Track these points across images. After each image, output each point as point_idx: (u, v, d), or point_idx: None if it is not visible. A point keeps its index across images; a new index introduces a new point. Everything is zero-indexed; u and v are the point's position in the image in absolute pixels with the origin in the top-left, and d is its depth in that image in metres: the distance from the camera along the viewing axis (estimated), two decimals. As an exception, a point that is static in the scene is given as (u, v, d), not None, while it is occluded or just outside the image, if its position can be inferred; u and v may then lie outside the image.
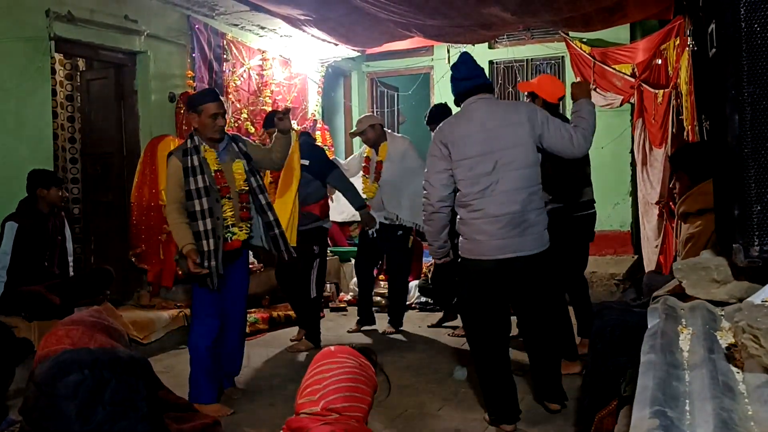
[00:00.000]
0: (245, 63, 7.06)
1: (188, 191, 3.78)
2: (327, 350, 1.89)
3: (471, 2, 5.28)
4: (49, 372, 1.34)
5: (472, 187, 3.36)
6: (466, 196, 3.39)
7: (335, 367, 1.80)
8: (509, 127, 3.38)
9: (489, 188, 3.34)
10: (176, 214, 3.79)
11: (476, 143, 3.37)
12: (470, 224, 3.40)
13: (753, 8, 1.54)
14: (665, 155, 5.91)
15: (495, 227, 3.33)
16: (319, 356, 1.87)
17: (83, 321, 1.83)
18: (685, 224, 2.96)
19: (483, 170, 3.35)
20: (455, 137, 3.41)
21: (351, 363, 1.83)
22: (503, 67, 8.55)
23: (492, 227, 3.34)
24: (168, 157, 3.91)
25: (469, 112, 3.47)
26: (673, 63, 6.04)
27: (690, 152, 3.54)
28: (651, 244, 6.32)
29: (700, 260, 1.76)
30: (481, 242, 3.38)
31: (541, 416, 3.71)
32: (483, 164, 3.35)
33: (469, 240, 3.43)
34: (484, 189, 3.34)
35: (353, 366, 1.83)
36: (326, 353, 1.87)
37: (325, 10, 5.86)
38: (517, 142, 3.35)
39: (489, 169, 3.34)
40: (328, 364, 1.81)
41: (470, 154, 3.37)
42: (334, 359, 1.82)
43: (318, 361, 1.85)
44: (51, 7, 5.09)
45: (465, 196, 3.40)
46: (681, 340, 1.41)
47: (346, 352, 1.86)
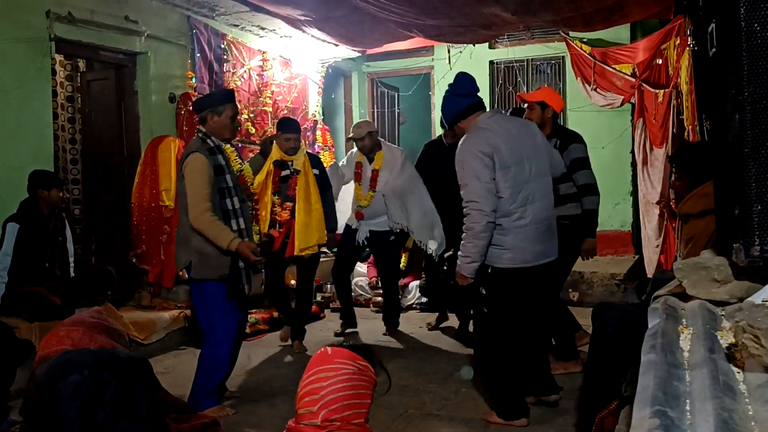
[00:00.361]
0: (246, 63, 7.06)
1: (221, 189, 3.70)
2: (324, 353, 1.82)
3: (471, 2, 5.27)
4: (50, 372, 1.34)
5: (517, 195, 3.40)
6: (512, 204, 3.39)
7: (333, 374, 1.75)
8: (529, 137, 3.54)
9: (530, 195, 3.42)
10: (210, 213, 3.63)
11: (510, 152, 3.41)
12: (516, 232, 3.40)
13: (753, 7, 1.54)
14: (666, 155, 5.90)
15: (538, 233, 3.45)
16: (316, 360, 1.81)
17: (84, 322, 1.83)
18: (686, 225, 2.96)
19: (522, 178, 3.42)
20: (494, 147, 3.39)
21: (349, 368, 1.78)
22: (503, 67, 8.55)
23: (536, 234, 3.44)
24: (186, 157, 3.73)
25: (491, 124, 3.50)
26: (674, 63, 6.03)
27: (690, 152, 3.53)
28: (652, 243, 6.32)
29: (701, 260, 1.76)
30: (526, 249, 3.42)
31: (541, 417, 3.71)
32: (521, 172, 3.42)
33: (510, 249, 3.41)
34: (527, 196, 3.41)
35: (352, 371, 1.78)
36: (323, 357, 1.80)
37: (325, 11, 5.86)
38: (539, 151, 3.54)
39: (527, 176, 3.43)
40: (326, 371, 1.76)
41: (510, 163, 3.39)
42: (331, 365, 1.77)
43: (315, 365, 1.79)
44: (51, 8, 5.09)
45: (510, 204, 3.39)
46: (681, 340, 1.40)
47: (343, 356, 1.80)
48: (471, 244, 3.39)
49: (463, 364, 4.74)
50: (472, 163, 3.38)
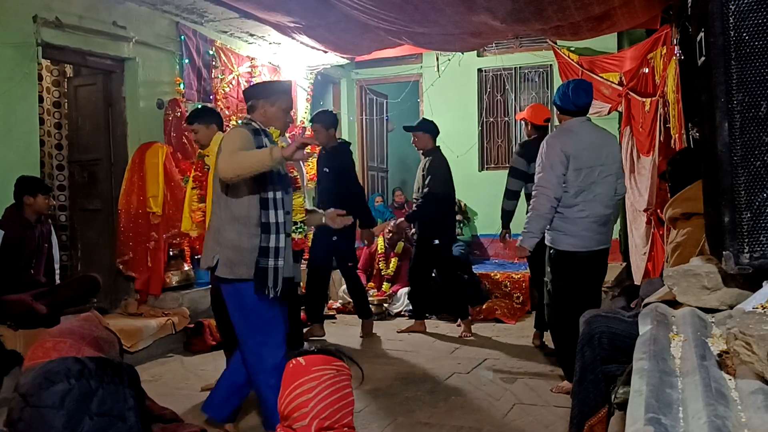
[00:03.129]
0: (234, 70, 7.05)
1: (260, 176, 3.11)
2: (298, 365, 1.80)
3: (461, 10, 5.29)
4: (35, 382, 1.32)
5: (581, 193, 4.09)
6: (576, 198, 4.09)
7: (316, 384, 1.75)
8: (607, 147, 4.20)
9: (594, 194, 4.10)
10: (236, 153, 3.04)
11: (587, 157, 4.08)
12: (576, 222, 4.10)
13: (741, 17, 1.56)
14: (653, 163, 5.95)
15: (596, 225, 4.13)
16: (293, 373, 1.80)
17: (72, 332, 1.80)
18: (674, 230, 2.98)
19: (590, 180, 4.09)
20: (574, 149, 4.06)
21: (328, 373, 1.79)
22: (492, 74, 8.59)
23: (593, 225, 4.12)
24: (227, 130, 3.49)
25: (581, 130, 4.16)
26: (660, 72, 6.09)
27: (671, 161, 3.56)
28: (639, 251, 6.36)
29: (691, 267, 1.77)
30: (585, 236, 4.11)
31: (530, 424, 3.71)
32: (591, 174, 4.09)
33: (571, 235, 4.12)
34: (591, 194, 4.10)
35: (332, 375, 1.79)
36: (300, 369, 1.79)
37: (314, 18, 5.86)
38: (612, 160, 4.21)
39: (595, 178, 4.10)
40: (309, 382, 1.76)
41: (583, 166, 4.07)
42: (310, 375, 1.77)
43: (294, 379, 1.78)
44: (38, 13, 5.05)
45: (575, 198, 4.09)
46: (673, 347, 1.41)
47: (318, 362, 1.80)
48: (535, 222, 4.14)
49: (453, 371, 4.75)
50: (552, 157, 4.08)
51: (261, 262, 3.14)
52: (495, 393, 4.28)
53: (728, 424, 0.99)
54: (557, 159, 4.06)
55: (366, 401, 4.15)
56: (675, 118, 5.35)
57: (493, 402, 4.11)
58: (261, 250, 3.14)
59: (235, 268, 3.16)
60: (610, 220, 4.26)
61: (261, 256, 3.14)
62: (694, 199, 2.78)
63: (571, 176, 4.07)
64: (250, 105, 3.40)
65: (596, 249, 4.17)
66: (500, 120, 8.66)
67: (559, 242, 4.16)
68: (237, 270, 3.16)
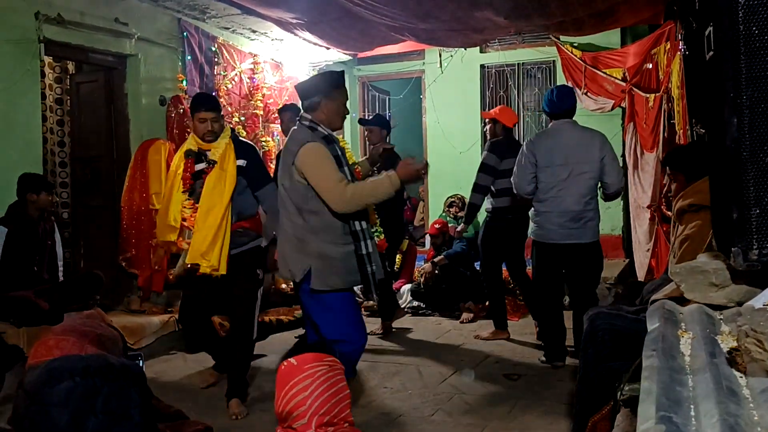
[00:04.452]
0: (237, 66, 7.03)
1: None
2: (290, 365, 1.83)
3: (464, 6, 5.28)
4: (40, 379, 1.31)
5: (550, 189, 4.44)
6: (545, 194, 4.46)
7: (310, 381, 1.78)
8: (584, 147, 4.44)
9: (563, 190, 4.42)
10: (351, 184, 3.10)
11: (556, 155, 4.43)
12: (545, 216, 4.49)
13: (751, 11, 1.54)
14: (657, 159, 5.93)
15: (564, 220, 4.45)
16: (287, 374, 1.82)
17: (75, 330, 1.80)
18: (681, 225, 2.96)
19: (560, 177, 4.41)
20: (544, 149, 4.46)
21: (321, 369, 1.82)
22: (494, 71, 8.57)
23: (561, 219, 4.45)
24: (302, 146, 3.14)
25: (560, 129, 4.52)
26: (664, 67, 6.06)
27: (684, 152, 3.55)
28: (642, 247, 6.34)
29: (698, 263, 1.75)
30: (551, 229, 4.48)
31: (534, 421, 3.71)
32: (560, 172, 4.42)
33: (540, 227, 4.54)
34: (559, 191, 4.42)
35: (325, 371, 1.82)
36: (292, 369, 1.82)
37: (317, 14, 5.84)
38: (589, 160, 4.42)
39: (564, 176, 4.41)
40: (303, 381, 1.78)
41: (550, 164, 4.43)
42: (304, 374, 1.79)
43: (288, 380, 1.80)
44: (40, 10, 5.04)
45: (544, 194, 4.47)
46: (682, 344, 1.39)
47: (309, 360, 1.83)
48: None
49: (457, 369, 4.74)
50: (522, 156, 4.54)
51: (362, 269, 3.20)
52: (499, 390, 4.28)
53: (740, 422, 0.98)
54: (525, 158, 4.50)
55: (369, 397, 4.14)
56: (679, 114, 5.33)
57: (496, 399, 4.10)
58: (358, 258, 3.19)
59: (327, 279, 3.16)
60: (584, 217, 4.48)
61: (360, 264, 3.19)
62: (704, 191, 2.77)
63: (540, 174, 4.47)
64: (308, 103, 3.28)
65: (565, 243, 4.48)
66: (503, 116, 8.62)
67: (533, 233, 4.67)
68: (329, 281, 3.16)
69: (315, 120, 3.25)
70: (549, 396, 4.11)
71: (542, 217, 4.53)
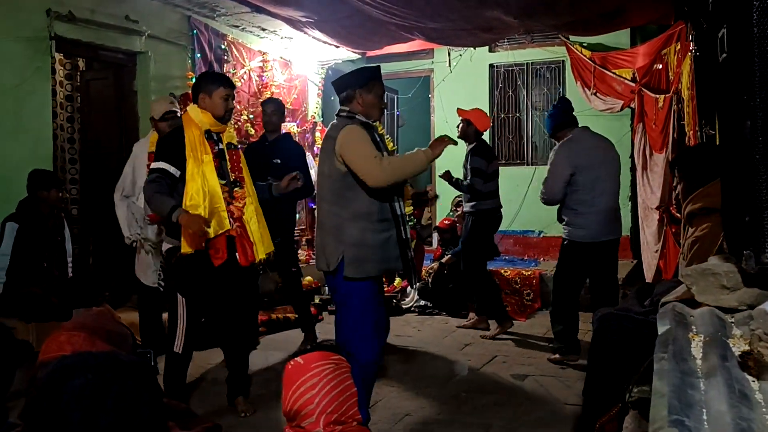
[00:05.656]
0: (246, 64, 7.04)
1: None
2: (297, 364, 1.83)
3: (473, 5, 5.27)
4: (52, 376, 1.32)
5: (591, 190, 4.66)
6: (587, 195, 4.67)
7: (317, 380, 1.78)
8: (604, 150, 4.82)
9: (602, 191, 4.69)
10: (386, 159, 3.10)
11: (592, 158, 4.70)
12: (589, 215, 4.68)
13: (766, 13, 1.52)
14: (666, 160, 5.90)
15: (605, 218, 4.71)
16: (294, 374, 1.82)
17: (85, 326, 1.81)
18: (691, 227, 2.95)
19: (596, 178, 4.67)
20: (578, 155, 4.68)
21: (328, 368, 1.82)
22: (503, 70, 8.55)
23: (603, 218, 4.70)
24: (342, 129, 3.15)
25: (581, 137, 4.80)
26: (674, 68, 6.04)
27: (691, 155, 3.54)
28: (651, 249, 6.31)
29: (709, 266, 1.74)
30: (596, 229, 4.68)
31: (541, 422, 3.70)
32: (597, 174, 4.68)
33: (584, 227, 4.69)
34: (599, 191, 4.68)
35: (331, 369, 1.82)
36: (299, 368, 1.82)
37: (326, 12, 5.85)
38: (612, 161, 4.83)
39: (601, 177, 4.70)
40: (310, 380, 1.78)
41: (588, 165, 4.66)
42: (311, 372, 1.80)
43: (296, 379, 1.80)
44: (52, 7, 5.07)
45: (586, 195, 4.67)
46: (693, 347, 1.39)
47: (316, 359, 1.83)
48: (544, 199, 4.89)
49: (463, 368, 4.74)
50: (557, 166, 4.73)
51: (404, 255, 3.19)
52: (505, 390, 4.28)
53: (753, 427, 0.97)
54: (561, 170, 4.70)
55: (376, 396, 4.15)
56: (689, 115, 5.30)
57: (503, 399, 4.10)
58: (401, 243, 3.17)
59: (362, 266, 3.12)
60: (618, 214, 4.84)
61: (402, 249, 3.18)
62: (715, 195, 2.76)
63: (579, 177, 4.67)
64: (345, 95, 3.32)
65: (606, 240, 4.72)
66: (512, 116, 8.62)
67: (572, 235, 4.76)
68: (364, 268, 3.13)
69: (352, 111, 3.29)
70: (556, 396, 4.10)
71: (583, 218, 4.69)
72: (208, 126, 3.59)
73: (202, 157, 3.50)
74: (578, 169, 4.66)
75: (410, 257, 3.24)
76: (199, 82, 3.73)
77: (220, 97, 3.60)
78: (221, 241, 3.50)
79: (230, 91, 3.67)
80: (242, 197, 3.65)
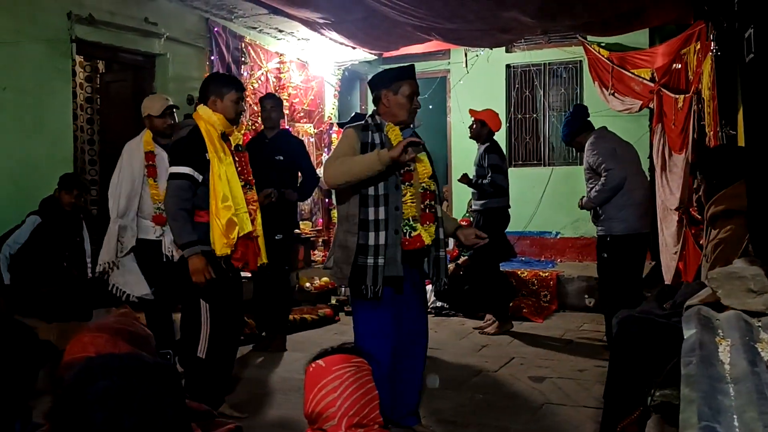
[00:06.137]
0: (263, 66, 7.07)
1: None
2: (318, 367, 1.84)
3: (491, 6, 5.25)
4: (77, 378, 1.32)
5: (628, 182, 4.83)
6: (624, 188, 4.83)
7: (339, 383, 1.78)
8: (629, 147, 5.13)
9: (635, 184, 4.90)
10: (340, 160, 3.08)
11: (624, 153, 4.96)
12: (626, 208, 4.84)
13: (794, 13, 1.51)
14: (685, 161, 5.84)
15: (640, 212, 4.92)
16: (315, 376, 1.83)
17: (109, 328, 1.82)
18: (714, 229, 2.91)
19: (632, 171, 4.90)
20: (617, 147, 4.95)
21: (349, 371, 1.82)
22: (520, 71, 8.52)
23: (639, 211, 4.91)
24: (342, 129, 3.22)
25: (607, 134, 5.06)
26: (694, 68, 5.97)
27: (714, 156, 3.50)
28: (670, 250, 6.24)
29: (735, 269, 1.72)
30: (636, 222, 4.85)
31: (559, 425, 3.68)
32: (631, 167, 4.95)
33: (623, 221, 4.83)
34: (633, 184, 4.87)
35: (352, 372, 1.82)
36: (320, 371, 1.83)
37: (343, 13, 5.85)
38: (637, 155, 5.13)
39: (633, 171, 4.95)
40: (331, 382, 1.79)
41: (624, 160, 4.88)
42: (332, 375, 1.80)
43: (317, 382, 1.81)
44: (72, 10, 5.12)
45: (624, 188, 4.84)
46: (720, 352, 1.37)
47: (337, 362, 1.84)
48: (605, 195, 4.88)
49: (480, 371, 4.72)
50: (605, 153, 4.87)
51: (359, 259, 3.09)
52: (523, 392, 4.25)
53: (786, 434, 0.96)
54: (611, 154, 4.87)
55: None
56: (710, 116, 5.25)
57: (520, 401, 4.08)
58: (359, 247, 3.09)
59: (343, 269, 3.14)
60: (648, 209, 5.11)
61: (360, 254, 3.09)
62: (738, 196, 2.72)
63: (618, 169, 4.84)
64: (374, 97, 3.30)
65: (644, 232, 4.97)
66: (528, 117, 8.58)
67: (614, 228, 4.87)
68: (344, 270, 3.13)
69: (377, 113, 3.27)
70: (575, 399, 4.08)
71: (625, 211, 4.84)
72: (222, 128, 3.57)
73: (223, 157, 3.49)
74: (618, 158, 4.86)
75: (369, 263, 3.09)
76: (208, 84, 3.70)
77: (232, 100, 3.60)
78: (245, 243, 3.50)
79: (241, 95, 3.66)
80: (253, 200, 3.65)
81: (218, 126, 3.56)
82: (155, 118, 4.35)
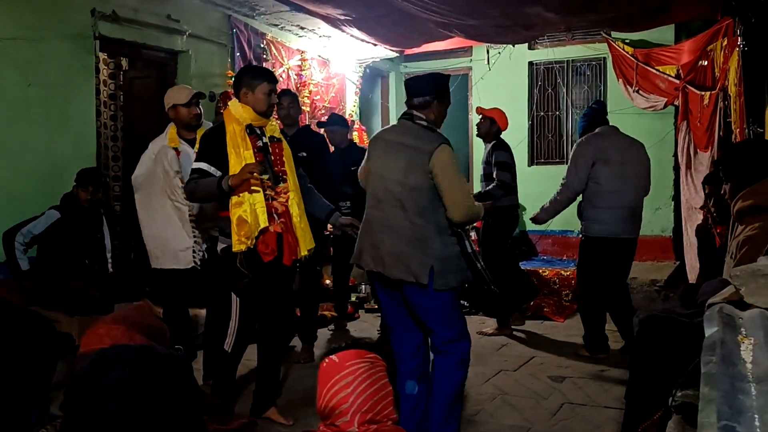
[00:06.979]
0: (284, 63, 7.09)
1: None
2: (332, 362, 1.83)
3: (514, 2, 5.22)
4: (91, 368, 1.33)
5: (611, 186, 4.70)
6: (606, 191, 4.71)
7: (352, 378, 1.77)
8: (634, 150, 4.85)
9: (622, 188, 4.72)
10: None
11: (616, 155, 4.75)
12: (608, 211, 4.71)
13: (823, 2, 1.46)
14: (711, 159, 5.75)
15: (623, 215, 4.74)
16: (329, 371, 1.82)
17: (125, 320, 1.83)
18: (741, 225, 2.84)
19: (618, 175, 4.71)
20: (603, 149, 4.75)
21: (363, 366, 1.80)
22: (543, 68, 8.44)
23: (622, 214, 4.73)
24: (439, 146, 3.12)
25: (607, 133, 4.86)
26: (720, 64, 5.88)
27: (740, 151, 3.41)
28: (694, 250, 6.15)
29: (760, 266, 1.68)
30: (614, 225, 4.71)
31: (579, 425, 3.64)
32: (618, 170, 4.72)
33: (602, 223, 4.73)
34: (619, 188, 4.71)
35: (366, 368, 1.80)
36: (334, 366, 1.81)
37: (365, 10, 5.85)
38: (639, 162, 4.83)
39: (624, 174, 4.72)
40: (344, 378, 1.77)
41: (613, 162, 4.72)
42: (346, 370, 1.78)
43: (330, 377, 1.80)
44: (96, 7, 5.17)
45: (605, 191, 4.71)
46: (743, 351, 1.33)
47: (351, 357, 1.82)
48: (556, 205, 4.98)
49: (500, 370, 4.68)
50: (579, 158, 4.79)
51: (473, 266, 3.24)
52: (543, 392, 4.21)
53: (809, 435, 0.92)
54: (583, 160, 4.75)
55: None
56: (736, 113, 5.16)
57: (540, 401, 4.04)
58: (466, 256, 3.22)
59: (448, 278, 3.15)
60: (637, 214, 4.84)
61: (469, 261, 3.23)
62: (767, 192, 2.66)
63: (601, 170, 4.70)
64: (421, 101, 3.24)
65: (623, 237, 4.75)
66: (551, 114, 8.50)
67: (590, 230, 4.80)
68: (450, 280, 3.16)
69: (427, 119, 3.25)
70: (595, 399, 4.03)
71: (602, 212, 4.72)
72: (249, 121, 3.50)
73: (243, 153, 3.45)
74: (601, 161, 4.70)
75: (481, 267, 3.26)
76: (240, 77, 3.63)
77: (263, 92, 3.52)
78: (270, 237, 3.45)
79: (273, 86, 3.57)
80: (285, 192, 3.57)
81: (246, 119, 3.50)
82: (181, 107, 4.19)
